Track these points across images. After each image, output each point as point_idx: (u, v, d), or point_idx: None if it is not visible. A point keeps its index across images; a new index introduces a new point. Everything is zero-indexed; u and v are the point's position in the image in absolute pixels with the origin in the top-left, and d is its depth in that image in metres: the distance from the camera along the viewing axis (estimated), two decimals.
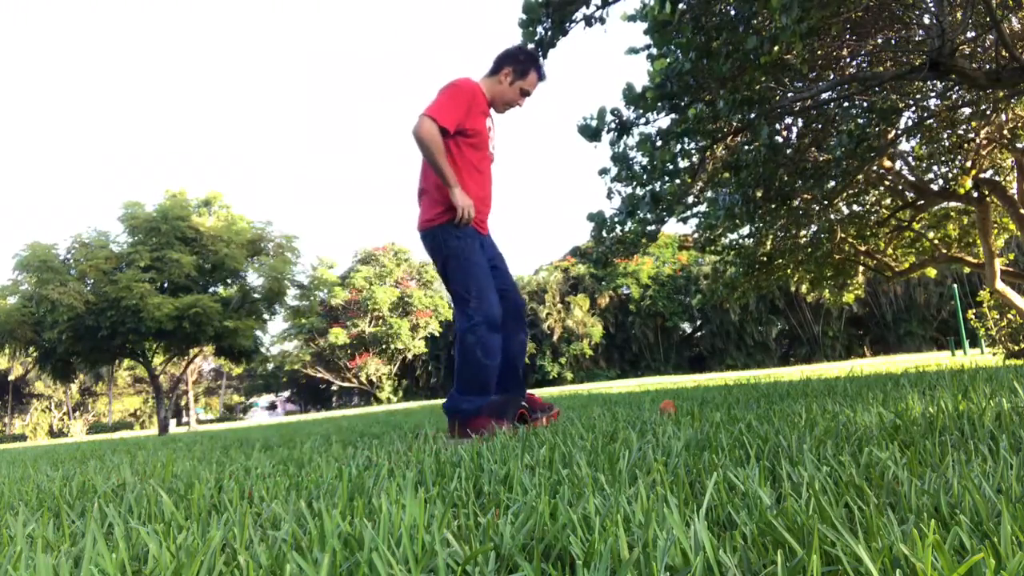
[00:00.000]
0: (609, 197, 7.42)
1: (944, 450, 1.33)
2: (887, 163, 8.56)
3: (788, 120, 7.78)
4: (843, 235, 9.80)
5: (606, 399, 5.97)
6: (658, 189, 7.02)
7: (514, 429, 2.89)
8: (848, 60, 7.21)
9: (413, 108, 3.13)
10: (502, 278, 3.09)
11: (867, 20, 6.46)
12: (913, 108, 7.75)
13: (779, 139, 7.57)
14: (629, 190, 7.29)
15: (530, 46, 5.67)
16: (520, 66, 3.04)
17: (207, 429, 17.41)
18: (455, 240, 2.88)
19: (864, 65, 7.26)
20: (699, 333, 50.31)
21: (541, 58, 3.16)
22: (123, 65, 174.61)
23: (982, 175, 8.81)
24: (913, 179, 9.11)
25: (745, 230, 9.68)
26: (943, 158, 8.90)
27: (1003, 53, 5.51)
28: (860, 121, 7.04)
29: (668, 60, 6.06)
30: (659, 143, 6.55)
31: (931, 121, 7.79)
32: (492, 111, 3.17)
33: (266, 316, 21.54)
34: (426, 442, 2.60)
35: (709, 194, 8.47)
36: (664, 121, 6.63)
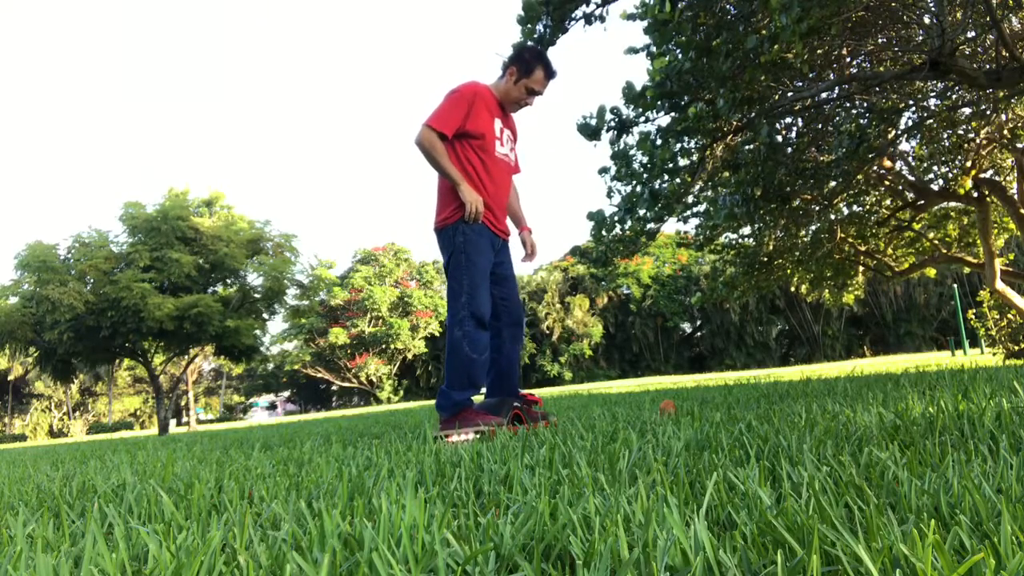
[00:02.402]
0: (609, 196, 7.41)
1: (944, 450, 1.33)
2: (887, 163, 8.55)
3: (788, 120, 7.78)
4: (843, 235, 9.79)
5: (606, 399, 5.97)
6: (657, 187, 7.02)
7: (512, 427, 2.90)
8: (848, 60, 7.20)
9: (414, 108, 3.16)
10: (505, 287, 3.14)
11: (867, 20, 6.46)
12: (913, 108, 7.74)
13: (779, 139, 7.56)
14: (629, 189, 7.29)
15: (529, 44, 5.68)
16: (524, 64, 3.07)
17: (207, 429, 17.42)
18: (462, 236, 2.94)
19: (864, 65, 7.26)
20: (699, 333, 50.32)
21: (548, 56, 3.16)
22: (129, 65, 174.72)
23: (982, 175, 8.80)
24: (913, 179, 9.10)
25: (746, 230, 9.67)
26: (943, 158, 8.90)
27: (1003, 53, 5.51)
28: (860, 121, 7.03)
29: (668, 59, 6.06)
30: (659, 142, 6.55)
31: (931, 121, 7.78)
32: (510, 114, 3.21)
33: (266, 316, 21.55)
34: (426, 442, 2.60)
35: (709, 194, 8.46)
36: (664, 120, 6.63)
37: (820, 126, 7.74)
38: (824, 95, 6.75)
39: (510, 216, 3.35)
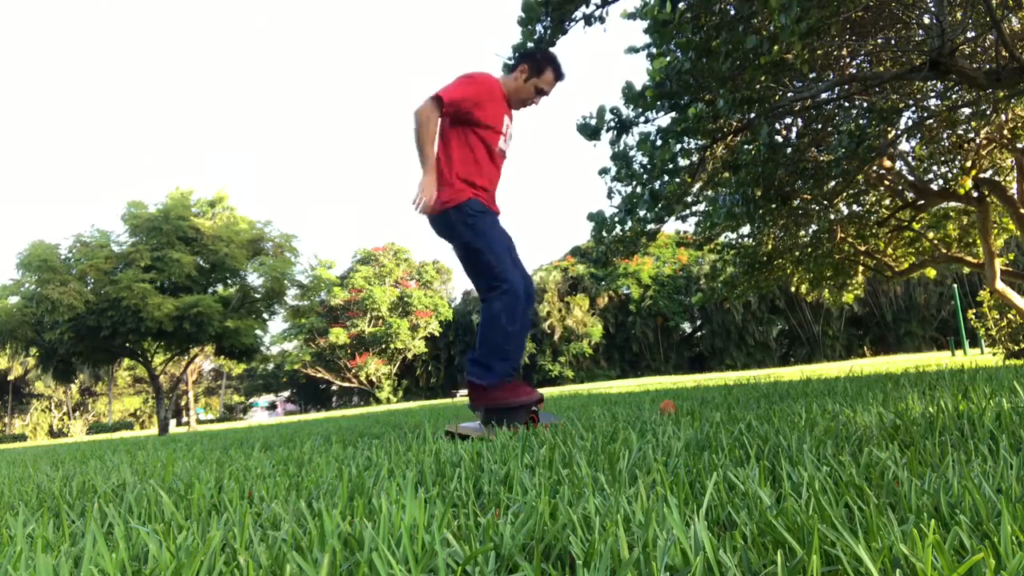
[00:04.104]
0: (610, 197, 7.41)
1: (944, 450, 1.33)
2: (887, 163, 8.55)
3: (788, 120, 7.78)
4: (843, 235, 9.79)
5: (606, 399, 5.97)
6: (657, 188, 7.02)
7: (529, 423, 2.88)
8: (848, 60, 7.20)
9: (412, 109, 3.13)
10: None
11: (867, 20, 6.46)
12: (913, 108, 7.74)
13: (779, 139, 7.56)
14: (629, 189, 7.29)
15: (529, 45, 5.67)
16: (536, 64, 3.06)
17: (207, 429, 17.41)
18: (471, 218, 2.88)
19: (864, 65, 7.26)
20: (699, 333, 50.33)
21: (559, 59, 3.16)
22: (138, 66, 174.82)
23: (982, 175, 8.81)
24: (913, 179, 9.10)
25: (745, 230, 9.68)
26: (943, 158, 8.90)
27: (1003, 53, 5.51)
28: (860, 121, 7.04)
29: (668, 59, 6.06)
30: (659, 142, 6.55)
31: (931, 121, 7.78)
32: (512, 110, 3.20)
33: (266, 316, 21.55)
34: (426, 442, 2.60)
35: (709, 193, 8.47)
36: (664, 120, 6.64)
37: (820, 126, 7.74)
38: (824, 95, 6.75)
39: None
